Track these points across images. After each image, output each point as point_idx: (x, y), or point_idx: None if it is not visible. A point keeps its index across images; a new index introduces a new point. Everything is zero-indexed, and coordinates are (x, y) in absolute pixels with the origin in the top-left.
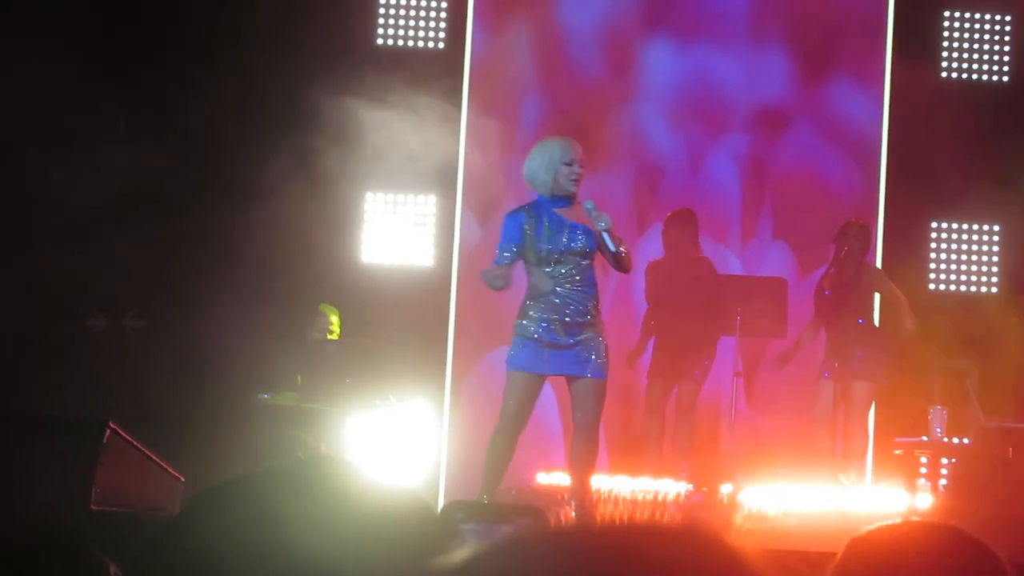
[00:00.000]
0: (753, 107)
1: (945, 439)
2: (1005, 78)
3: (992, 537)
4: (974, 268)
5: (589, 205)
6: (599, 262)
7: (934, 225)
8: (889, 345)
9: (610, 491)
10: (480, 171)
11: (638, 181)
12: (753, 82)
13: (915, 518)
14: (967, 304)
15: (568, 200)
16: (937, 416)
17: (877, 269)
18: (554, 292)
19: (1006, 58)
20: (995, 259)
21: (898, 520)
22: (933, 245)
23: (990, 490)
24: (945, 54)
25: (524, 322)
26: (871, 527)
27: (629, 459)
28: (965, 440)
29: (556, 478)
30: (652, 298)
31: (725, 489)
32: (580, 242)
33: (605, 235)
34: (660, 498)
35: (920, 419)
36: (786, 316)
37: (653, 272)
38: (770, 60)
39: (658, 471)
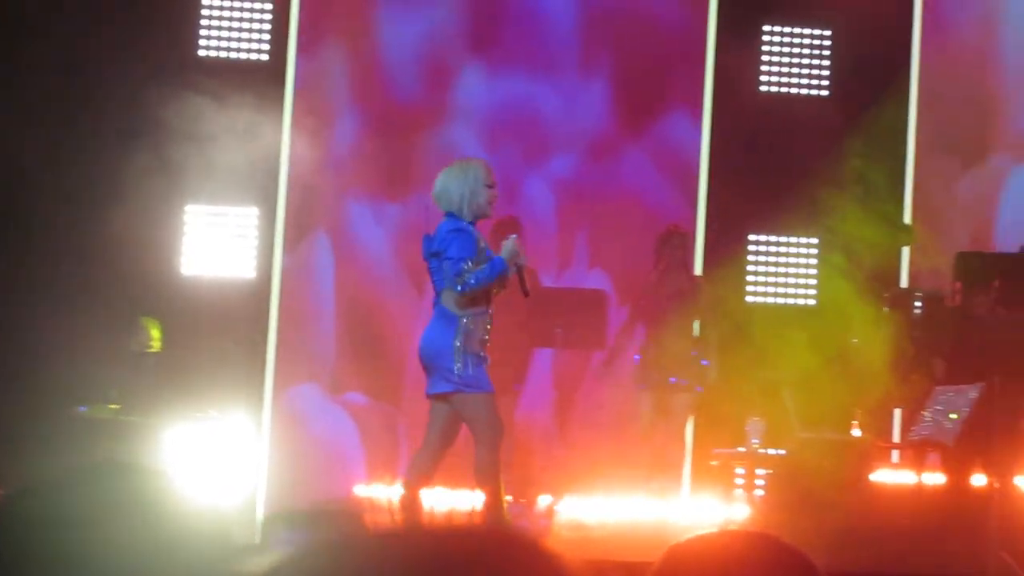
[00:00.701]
0: (574, 134)
1: (762, 450)
2: (824, 92)
3: (808, 547)
4: (791, 281)
5: (514, 239)
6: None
7: (752, 238)
8: (707, 356)
9: (427, 501)
10: (302, 184)
11: None
12: (574, 109)
13: (732, 527)
14: (784, 316)
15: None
16: (754, 427)
17: (698, 278)
18: (487, 312)
19: (825, 72)
20: (812, 272)
21: (715, 529)
22: (751, 258)
23: (806, 501)
24: (765, 68)
25: (474, 340)
26: (689, 536)
27: (449, 470)
28: (781, 451)
29: (374, 489)
30: None
31: (544, 500)
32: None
33: (522, 274)
34: (477, 509)
35: (737, 430)
36: (606, 328)
37: None
38: (592, 88)
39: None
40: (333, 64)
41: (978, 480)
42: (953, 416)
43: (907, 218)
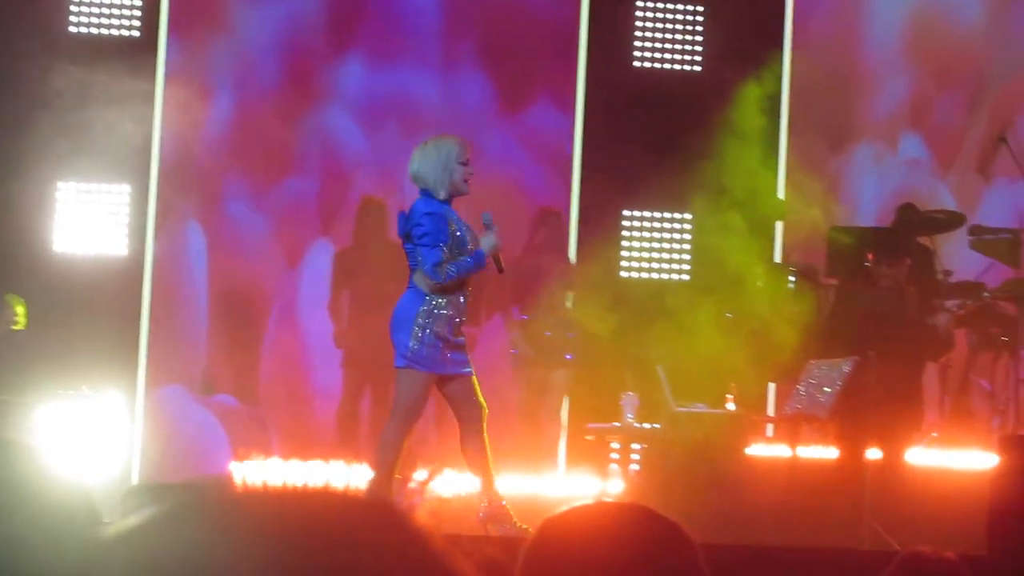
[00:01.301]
0: (448, 117)
1: (636, 425)
2: (697, 68)
3: (683, 520)
4: (665, 256)
5: (488, 218)
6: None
7: (626, 214)
8: (584, 331)
9: (300, 478)
10: (174, 161)
11: (324, 186)
12: (448, 92)
13: (607, 500)
14: (658, 291)
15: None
16: (628, 402)
17: (570, 259)
18: (463, 293)
19: (698, 48)
20: (686, 247)
21: (590, 502)
22: (625, 234)
23: (681, 475)
24: (638, 44)
25: (436, 321)
26: (564, 508)
27: (329, 447)
28: (656, 426)
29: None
30: (346, 284)
31: (418, 475)
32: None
33: (498, 253)
34: (351, 484)
35: (612, 405)
36: (479, 305)
37: (343, 259)
38: (465, 68)
39: (354, 458)
40: (206, 42)
41: (852, 453)
42: (827, 389)
43: (780, 194)
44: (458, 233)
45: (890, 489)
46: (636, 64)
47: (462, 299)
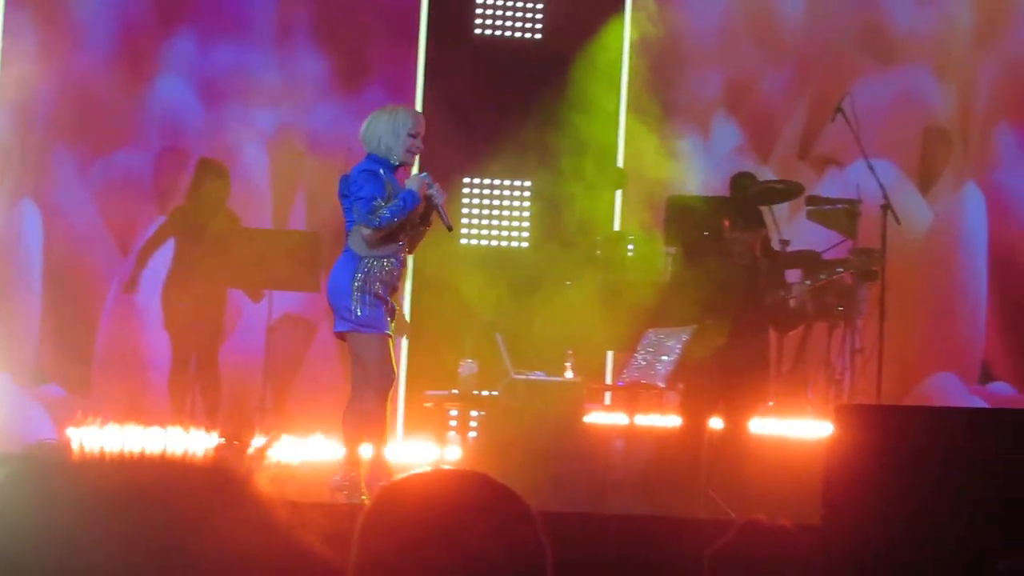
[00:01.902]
0: (286, 92)
1: (475, 392)
2: (538, 36)
3: (520, 488)
4: (505, 223)
5: (428, 178)
6: None
7: (466, 181)
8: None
9: (138, 443)
10: (5, 137)
11: (160, 161)
12: (287, 66)
13: (445, 466)
14: (498, 258)
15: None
16: (467, 369)
17: None
18: (396, 255)
19: (539, 16)
20: (526, 214)
21: (427, 469)
22: (465, 201)
23: (519, 442)
24: (479, 12)
25: (375, 282)
26: (401, 475)
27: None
28: (494, 393)
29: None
30: (170, 237)
31: (256, 442)
32: (425, 215)
33: (441, 209)
34: (190, 449)
35: (451, 372)
36: (319, 270)
37: (173, 219)
38: (302, 40)
39: (191, 424)
40: (40, 15)
41: (694, 422)
42: (665, 358)
43: (619, 162)
44: (390, 191)
45: (727, 458)
46: (477, 32)
47: (397, 259)
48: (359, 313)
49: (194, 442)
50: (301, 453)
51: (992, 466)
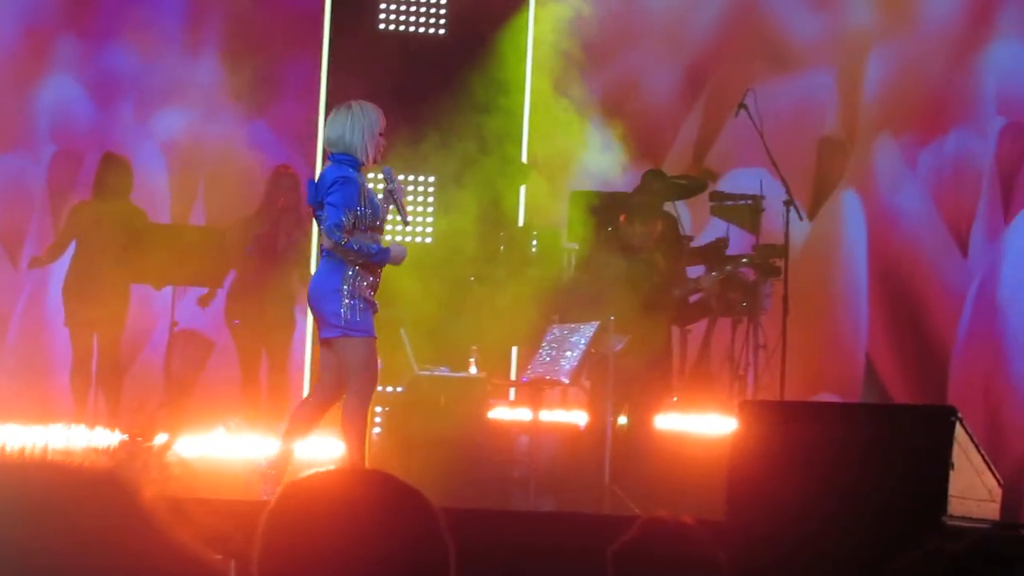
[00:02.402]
0: (186, 92)
1: (379, 388)
2: (442, 30)
3: (424, 485)
4: (409, 218)
5: (388, 172)
6: None
7: (370, 176)
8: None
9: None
10: None
11: (55, 161)
12: (186, 66)
13: (347, 465)
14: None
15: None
16: None
17: (305, 225)
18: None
19: (443, 11)
20: (430, 209)
21: (331, 467)
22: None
23: (424, 439)
24: (383, 7)
25: (363, 285)
26: (304, 474)
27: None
28: (399, 389)
29: None
30: (75, 236)
31: (159, 439)
32: (387, 213)
33: (400, 203)
34: (92, 446)
35: None
36: (225, 265)
37: (77, 214)
38: (206, 40)
39: (93, 423)
40: None
41: (600, 418)
42: (569, 354)
43: (523, 158)
44: (364, 197)
45: (632, 454)
46: (381, 27)
47: (379, 269)
48: (349, 317)
49: (96, 440)
50: (204, 450)
51: (892, 460)
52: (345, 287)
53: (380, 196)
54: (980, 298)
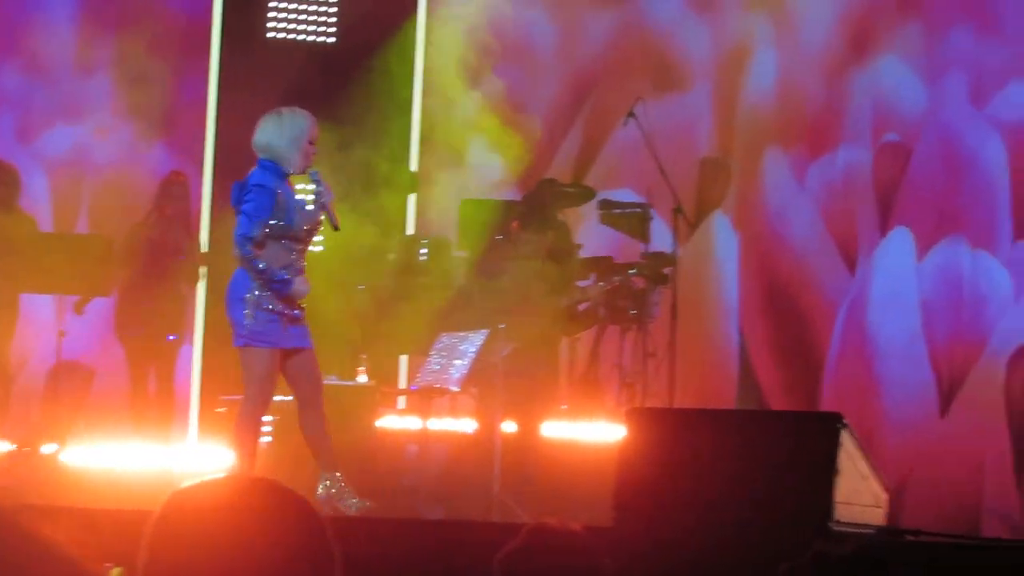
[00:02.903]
0: (69, 105)
1: None
2: (331, 39)
3: (311, 492)
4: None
5: (315, 176)
6: None
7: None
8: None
9: None
10: None
11: None
12: (73, 82)
13: (237, 474)
14: None
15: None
16: None
17: (194, 234)
18: (296, 268)
19: (332, 19)
20: (320, 218)
21: (218, 475)
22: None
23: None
24: (272, 15)
25: (270, 296)
26: (191, 482)
27: None
28: (288, 398)
29: None
30: None
31: (48, 448)
32: (316, 219)
33: (329, 208)
34: None
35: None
36: (110, 273)
37: None
38: (95, 54)
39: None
40: None
41: (487, 426)
42: (458, 362)
43: (412, 166)
44: (281, 204)
45: (521, 462)
46: (270, 35)
47: (294, 270)
48: (253, 327)
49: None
50: (93, 458)
51: (779, 466)
52: (249, 296)
53: (310, 204)
54: (849, 320)
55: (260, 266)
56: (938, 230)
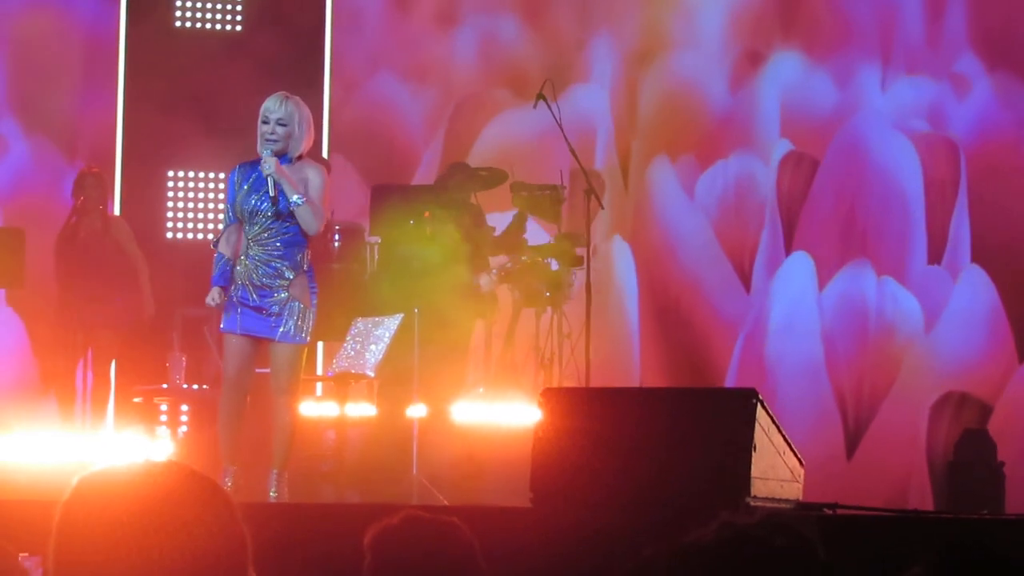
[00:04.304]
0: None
1: (185, 386)
2: (239, 28)
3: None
4: (211, 216)
5: (267, 153)
6: None
7: (170, 174)
8: (132, 297)
9: None
10: None
11: None
12: None
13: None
14: (205, 251)
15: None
16: (176, 363)
17: (122, 221)
18: (247, 254)
19: (239, 7)
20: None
21: (126, 461)
22: (170, 195)
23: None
24: (179, 4)
25: (231, 283)
26: (98, 468)
27: None
28: (204, 386)
29: None
30: None
31: None
32: (267, 203)
33: (281, 183)
34: None
35: (159, 366)
36: (23, 265)
37: None
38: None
39: None
40: None
41: (392, 410)
42: (373, 347)
43: (324, 153)
44: (236, 188)
45: (438, 444)
46: (177, 24)
47: (250, 263)
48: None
49: None
50: (7, 451)
51: (694, 442)
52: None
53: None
54: (746, 350)
55: (216, 253)
56: (844, 253)
